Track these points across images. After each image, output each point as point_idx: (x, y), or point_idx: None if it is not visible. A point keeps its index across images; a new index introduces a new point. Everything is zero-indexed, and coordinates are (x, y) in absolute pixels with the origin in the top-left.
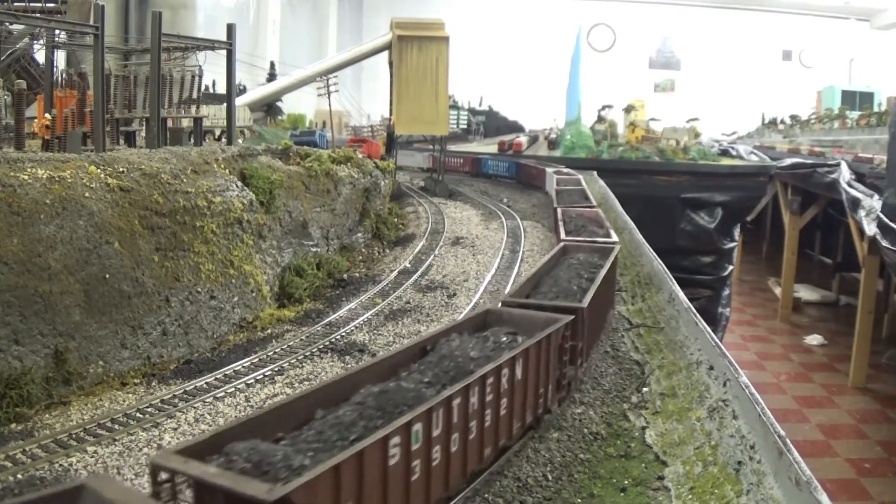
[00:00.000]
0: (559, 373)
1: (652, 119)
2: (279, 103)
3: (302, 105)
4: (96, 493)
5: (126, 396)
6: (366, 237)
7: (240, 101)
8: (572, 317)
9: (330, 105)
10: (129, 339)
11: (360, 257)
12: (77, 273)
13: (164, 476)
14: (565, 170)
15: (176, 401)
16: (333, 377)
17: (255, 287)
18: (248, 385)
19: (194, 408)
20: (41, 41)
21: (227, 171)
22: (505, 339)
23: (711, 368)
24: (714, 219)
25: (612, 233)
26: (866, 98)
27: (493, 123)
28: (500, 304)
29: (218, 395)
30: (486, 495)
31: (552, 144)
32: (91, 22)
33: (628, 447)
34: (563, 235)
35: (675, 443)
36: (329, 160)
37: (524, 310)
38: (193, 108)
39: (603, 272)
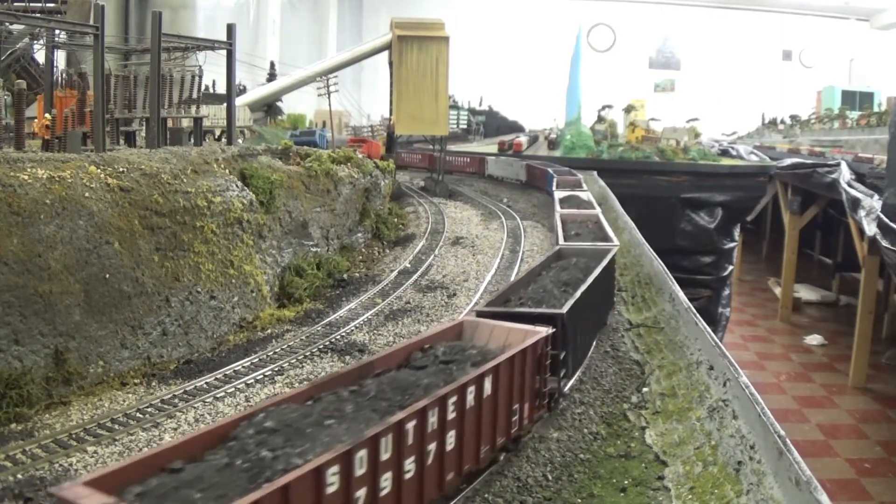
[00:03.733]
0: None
1: (652, 119)
2: (279, 103)
3: (302, 105)
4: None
5: (126, 396)
6: (366, 237)
7: (240, 101)
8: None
9: (330, 105)
10: (129, 339)
11: (360, 257)
12: (77, 273)
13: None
14: (582, 197)
15: (176, 401)
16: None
17: (255, 287)
18: (248, 385)
19: (194, 408)
20: (41, 41)
21: (227, 171)
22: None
23: (711, 368)
24: (714, 219)
25: None
26: (866, 98)
27: (493, 123)
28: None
29: (218, 395)
30: (486, 495)
31: (552, 144)
32: (91, 22)
33: (628, 447)
34: None
35: (675, 443)
36: (329, 160)
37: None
38: (193, 108)
39: None
